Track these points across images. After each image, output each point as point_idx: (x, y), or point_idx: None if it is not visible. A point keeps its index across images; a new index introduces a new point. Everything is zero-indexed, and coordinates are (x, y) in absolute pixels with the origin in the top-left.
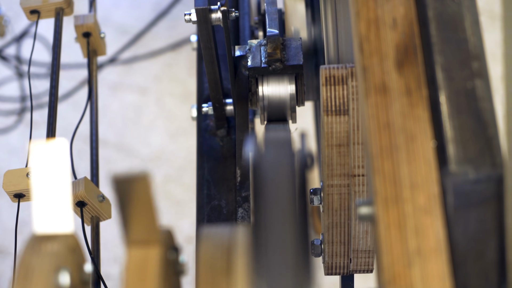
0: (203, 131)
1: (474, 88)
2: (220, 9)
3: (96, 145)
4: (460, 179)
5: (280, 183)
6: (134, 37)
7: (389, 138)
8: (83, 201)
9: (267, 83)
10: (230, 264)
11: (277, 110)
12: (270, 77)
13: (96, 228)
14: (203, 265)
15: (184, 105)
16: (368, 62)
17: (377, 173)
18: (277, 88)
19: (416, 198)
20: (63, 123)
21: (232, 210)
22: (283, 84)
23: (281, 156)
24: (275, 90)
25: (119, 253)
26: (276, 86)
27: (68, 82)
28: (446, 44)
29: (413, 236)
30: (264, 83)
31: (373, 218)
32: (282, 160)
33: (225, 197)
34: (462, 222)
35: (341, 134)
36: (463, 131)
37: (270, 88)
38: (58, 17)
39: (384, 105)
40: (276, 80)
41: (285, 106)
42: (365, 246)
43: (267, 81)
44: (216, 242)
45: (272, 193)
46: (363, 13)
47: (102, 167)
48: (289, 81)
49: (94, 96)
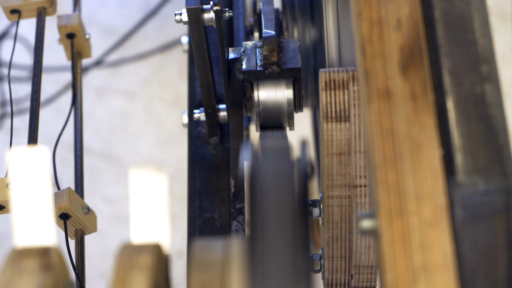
0: (194, 138)
1: (484, 93)
2: (213, 8)
3: (81, 154)
4: (468, 190)
5: (278, 193)
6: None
7: (393, 146)
8: (66, 213)
9: (262, 88)
10: (224, 281)
11: (274, 116)
12: (266, 81)
13: (80, 242)
14: (195, 281)
15: (174, 111)
16: (370, 65)
17: (380, 183)
18: (273, 93)
19: (421, 210)
20: (46, 130)
21: (226, 223)
22: (280, 89)
23: (279, 164)
24: (271, 95)
25: (105, 268)
26: (273, 91)
27: (51, 86)
28: (453, 46)
29: (418, 251)
30: (259, 88)
31: (376, 232)
32: (280, 169)
33: (218, 209)
34: (471, 236)
35: (341, 142)
36: (472, 139)
37: (266, 93)
38: (40, 17)
39: (387, 111)
40: (272, 84)
41: (282, 112)
42: (368, 262)
43: (263, 85)
44: (209, 257)
45: (270, 204)
46: (365, 13)
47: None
48: (286, 86)
49: (79, 101)
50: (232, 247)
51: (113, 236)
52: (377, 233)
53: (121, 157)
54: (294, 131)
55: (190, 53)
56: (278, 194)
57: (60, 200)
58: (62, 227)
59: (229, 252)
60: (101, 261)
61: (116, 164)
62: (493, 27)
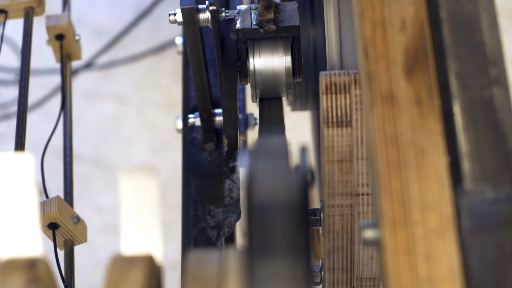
0: (189, 145)
1: (492, 97)
2: (209, 8)
3: (70, 161)
4: (476, 198)
5: (276, 202)
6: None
7: (397, 153)
8: (55, 222)
9: (258, 52)
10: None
11: (271, 86)
12: (262, 44)
13: (70, 253)
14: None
15: (168, 115)
16: (373, 68)
17: (383, 192)
18: (270, 60)
19: (427, 220)
20: (34, 136)
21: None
22: (277, 54)
23: (277, 172)
24: (268, 62)
25: (96, 281)
26: (269, 57)
27: (39, 89)
28: (460, 48)
29: (423, 262)
30: (255, 52)
31: (379, 243)
32: (278, 177)
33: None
34: (478, 247)
35: (343, 148)
36: (480, 145)
37: (262, 60)
38: (27, 18)
39: (391, 116)
40: (269, 47)
41: (279, 82)
42: (370, 274)
43: (259, 49)
44: (204, 269)
45: (268, 214)
46: (368, 13)
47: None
48: (284, 50)
49: (68, 105)
50: (228, 259)
51: (104, 247)
52: (380, 244)
53: (112, 164)
54: (293, 136)
55: (185, 55)
56: (276, 204)
57: (49, 209)
58: (51, 237)
59: (226, 265)
60: (91, 273)
61: (107, 171)
62: (502, 28)
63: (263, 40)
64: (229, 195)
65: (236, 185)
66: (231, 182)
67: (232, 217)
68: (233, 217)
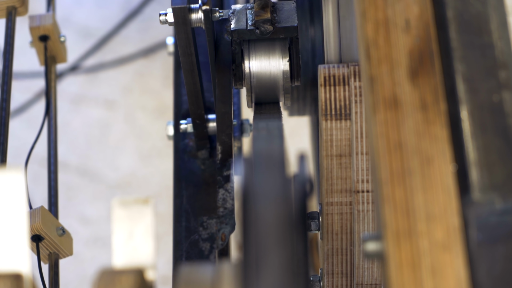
0: (181, 152)
1: (501, 102)
2: (202, 8)
3: (55, 169)
4: (484, 209)
5: (273, 213)
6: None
7: (401, 160)
8: (39, 235)
9: (254, 55)
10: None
11: (267, 90)
12: (258, 46)
13: (54, 267)
14: None
15: (158, 121)
16: (376, 71)
17: (386, 202)
18: (266, 63)
19: (432, 232)
20: (16, 143)
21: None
22: (274, 57)
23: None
24: (264, 65)
25: None
26: (266, 59)
27: (22, 94)
28: (468, 49)
29: (429, 276)
30: (251, 54)
31: (382, 256)
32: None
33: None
34: (487, 260)
35: (342, 143)
36: (489, 153)
37: (258, 63)
38: (10, 18)
39: (395, 122)
40: (265, 49)
41: (276, 87)
42: (371, 279)
43: (254, 51)
44: (197, 284)
45: (264, 225)
46: (370, 13)
47: (62, 194)
48: (282, 53)
49: (53, 110)
50: (222, 274)
51: (90, 260)
52: (383, 257)
53: (100, 172)
54: (291, 143)
55: (176, 56)
56: (273, 214)
57: (32, 221)
58: (34, 250)
59: (219, 279)
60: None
61: (94, 180)
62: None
63: (259, 41)
64: (223, 206)
65: (230, 195)
66: (225, 191)
67: (226, 228)
68: (227, 228)
